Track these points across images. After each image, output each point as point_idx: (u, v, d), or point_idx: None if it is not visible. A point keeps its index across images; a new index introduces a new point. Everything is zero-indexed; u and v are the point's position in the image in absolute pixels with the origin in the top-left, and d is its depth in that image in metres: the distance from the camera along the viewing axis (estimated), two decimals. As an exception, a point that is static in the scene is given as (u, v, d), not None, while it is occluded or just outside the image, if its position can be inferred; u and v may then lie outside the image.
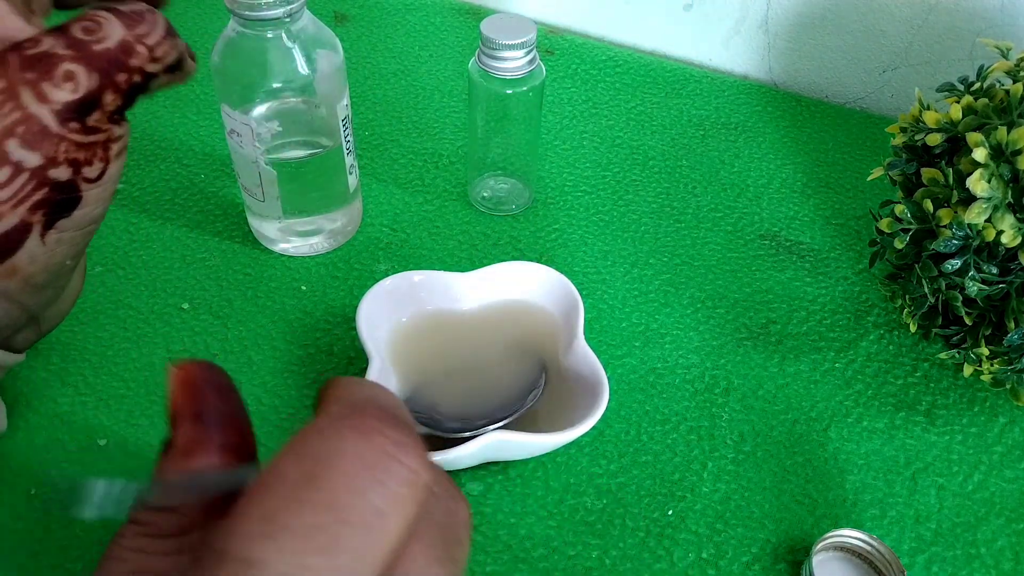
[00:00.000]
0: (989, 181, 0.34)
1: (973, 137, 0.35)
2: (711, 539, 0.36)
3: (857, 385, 0.42)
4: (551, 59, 0.62)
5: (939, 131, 0.38)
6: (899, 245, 0.39)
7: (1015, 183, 0.35)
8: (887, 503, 0.37)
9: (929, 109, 0.40)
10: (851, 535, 0.34)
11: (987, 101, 0.37)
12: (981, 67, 0.40)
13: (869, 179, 0.44)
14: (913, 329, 0.41)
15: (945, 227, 0.37)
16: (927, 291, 0.39)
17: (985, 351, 0.38)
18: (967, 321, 0.38)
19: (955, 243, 0.36)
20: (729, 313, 0.45)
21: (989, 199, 0.35)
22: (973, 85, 0.40)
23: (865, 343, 0.44)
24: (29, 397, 0.38)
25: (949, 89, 0.41)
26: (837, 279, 0.47)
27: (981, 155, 0.35)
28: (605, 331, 0.43)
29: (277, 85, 0.39)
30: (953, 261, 0.37)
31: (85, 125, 0.28)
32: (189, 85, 0.48)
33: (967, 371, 0.39)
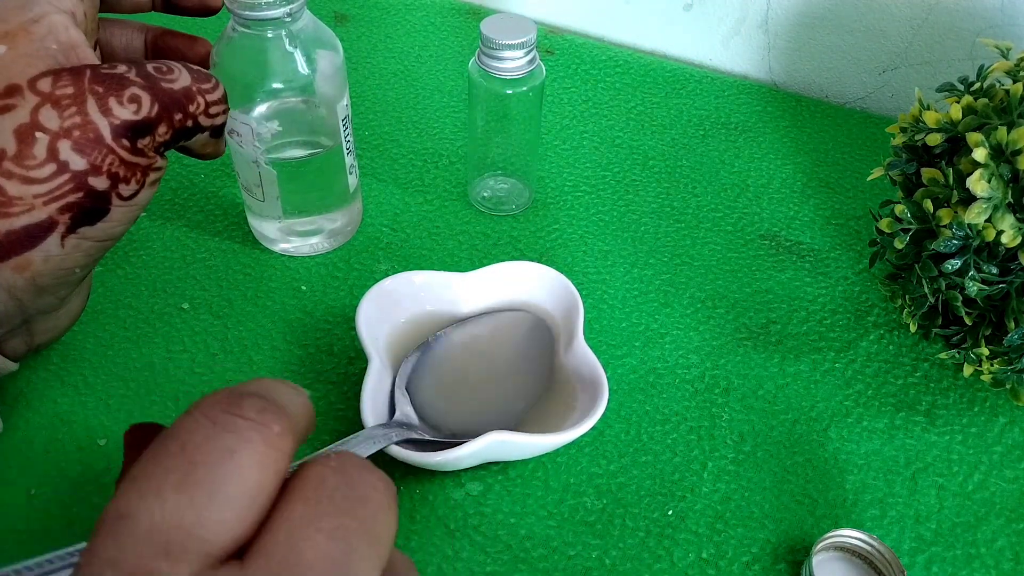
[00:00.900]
0: (989, 181, 0.34)
1: (973, 137, 0.35)
2: (711, 539, 0.36)
3: (857, 385, 0.42)
4: (551, 59, 0.62)
5: (939, 131, 0.38)
6: (899, 245, 0.39)
7: (1015, 183, 0.35)
8: (887, 503, 0.37)
9: (929, 109, 0.40)
10: (851, 535, 0.34)
11: (987, 101, 0.37)
12: (981, 67, 0.40)
13: (869, 179, 0.44)
14: (913, 329, 0.41)
15: (945, 227, 0.37)
16: (927, 291, 0.39)
17: (985, 351, 0.38)
18: (967, 321, 0.38)
19: (955, 243, 0.36)
20: (729, 313, 0.45)
21: (989, 199, 0.35)
22: (973, 85, 0.40)
23: (865, 343, 0.44)
24: (29, 397, 0.38)
25: (949, 89, 0.41)
26: (837, 279, 0.47)
27: (981, 155, 0.35)
28: (605, 331, 0.43)
29: (277, 85, 0.39)
30: (953, 261, 0.37)
31: (134, 146, 0.30)
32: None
33: (967, 371, 0.39)
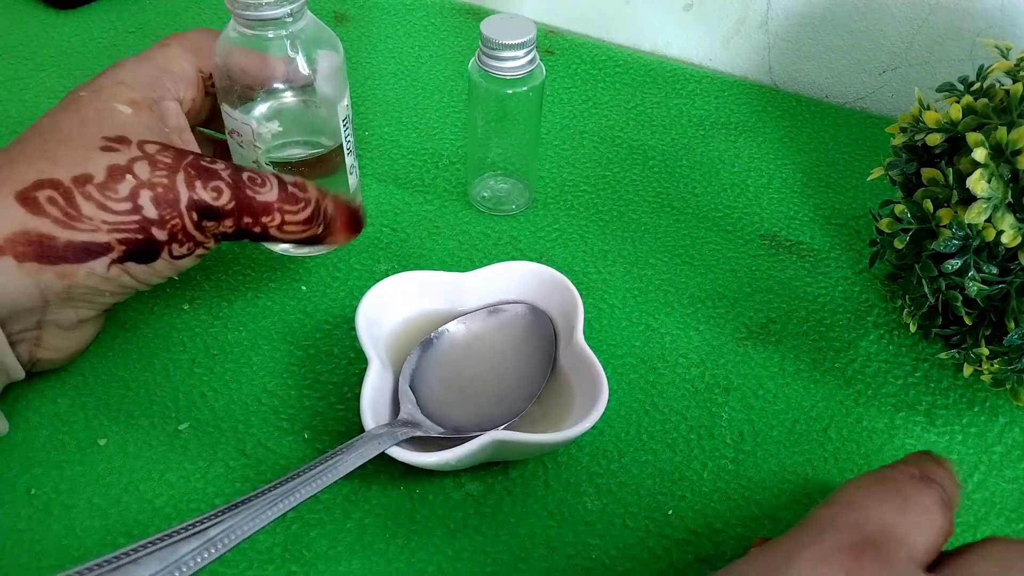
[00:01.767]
0: (989, 181, 0.34)
1: (973, 137, 0.35)
2: (711, 539, 0.36)
3: (857, 385, 0.42)
4: (551, 59, 0.62)
5: (939, 131, 0.38)
6: (899, 245, 0.39)
7: (1015, 183, 0.35)
8: (887, 503, 0.37)
9: (929, 109, 0.40)
10: (851, 535, 0.34)
11: (987, 101, 0.37)
12: (981, 67, 0.40)
13: (869, 179, 0.44)
14: (913, 329, 0.41)
15: (945, 227, 0.37)
16: (927, 291, 0.39)
17: (985, 351, 0.38)
18: (967, 321, 0.38)
19: (955, 243, 0.36)
20: (729, 313, 0.45)
21: (989, 199, 0.35)
22: (973, 85, 0.40)
23: (865, 343, 0.44)
24: (29, 397, 0.38)
25: (949, 89, 0.41)
26: (837, 279, 0.47)
27: (981, 155, 0.35)
28: (605, 331, 0.43)
29: (277, 85, 0.39)
30: (953, 261, 0.37)
31: (199, 222, 0.35)
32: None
33: (967, 371, 0.39)
